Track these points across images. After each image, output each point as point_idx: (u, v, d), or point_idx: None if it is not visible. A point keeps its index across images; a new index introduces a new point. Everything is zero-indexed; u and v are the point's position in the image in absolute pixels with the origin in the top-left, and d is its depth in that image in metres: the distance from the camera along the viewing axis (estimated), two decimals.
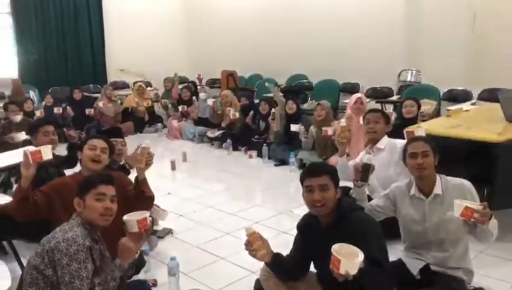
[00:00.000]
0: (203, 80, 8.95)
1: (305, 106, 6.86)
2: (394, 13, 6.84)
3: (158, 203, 3.55)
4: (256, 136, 6.54)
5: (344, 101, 6.78)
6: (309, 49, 7.88)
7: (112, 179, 2.14)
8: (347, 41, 7.33)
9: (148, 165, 2.75)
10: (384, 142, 3.44)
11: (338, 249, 1.78)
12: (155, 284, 2.88)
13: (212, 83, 9.53)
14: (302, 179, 2.16)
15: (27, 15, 8.81)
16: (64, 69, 9.30)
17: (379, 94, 6.98)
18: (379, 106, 6.08)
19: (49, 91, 8.25)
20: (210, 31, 9.86)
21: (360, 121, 4.07)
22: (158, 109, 8.83)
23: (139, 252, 2.58)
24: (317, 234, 2.16)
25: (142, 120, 8.23)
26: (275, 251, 2.21)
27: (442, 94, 6.27)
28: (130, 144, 3.66)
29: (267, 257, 2.15)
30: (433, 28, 6.40)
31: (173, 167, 5.76)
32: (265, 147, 6.02)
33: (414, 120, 4.42)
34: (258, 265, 2.35)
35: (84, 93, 8.23)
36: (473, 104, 5.65)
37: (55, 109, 7.27)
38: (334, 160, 4.12)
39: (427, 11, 6.51)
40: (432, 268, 2.41)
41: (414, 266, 2.44)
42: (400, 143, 3.14)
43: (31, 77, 8.76)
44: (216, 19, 9.68)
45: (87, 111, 7.61)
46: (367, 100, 5.20)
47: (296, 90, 7.61)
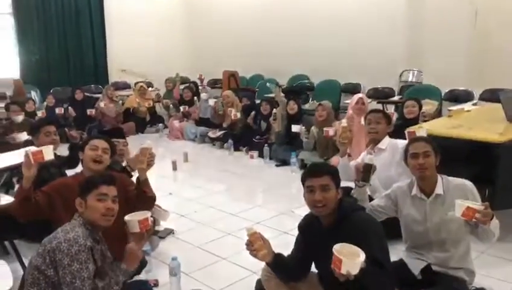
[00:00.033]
0: (205, 80, 8.95)
1: (306, 106, 6.85)
2: (395, 13, 6.83)
3: (159, 203, 3.55)
4: (257, 136, 6.53)
5: (345, 102, 6.78)
6: (310, 49, 7.87)
7: (114, 180, 2.15)
8: (348, 41, 7.33)
9: (149, 165, 2.75)
10: (385, 142, 3.44)
11: (339, 249, 1.78)
12: (156, 284, 2.88)
13: (213, 84, 9.53)
14: (303, 180, 2.16)
15: (29, 15, 8.82)
16: (65, 70, 9.30)
17: (380, 94, 6.97)
18: (380, 107, 6.08)
19: (50, 91, 8.27)
20: (211, 32, 9.86)
21: (362, 122, 4.07)
22: (159, 109, 8.84)
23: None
24: (318, 235, 2.16)
25: (144, 120, 8.23)
26: (276, 251, 2.21)
27: (443, 94, 6.27)
28: (132, 145, 3.67)
29: (268, 257, 2.15)
30: (434, 29, 6.40)
31: (174, 167, 5.76)
32: (266, 148, 6.02)
33: (415, 120, 4.42)
34: (259, 265, 2.35)
35: (85, 93, 8.25)
36: (475, 104, 5.65)
37: (56, 110, 7.29)
38: (336, 160, 4.13)
39: (429, 12, 6.51)
40: (433, 268, 2.41)
41: (415, 266, 2.44)
42: (401, 143, 3.14)
43: (33, 77, 8.77)
44: (217, 20, 9.68)
45: (88, 111, 7.62)
46: (368, 100, 5.19)
47: (298, 90, 7.60)
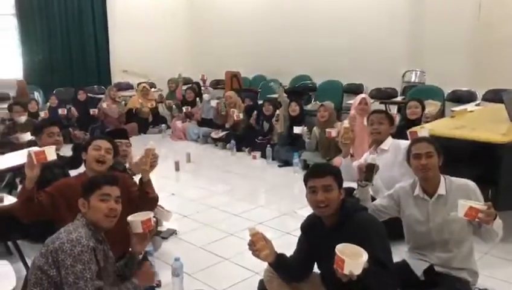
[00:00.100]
0: (207, 81, 8.95)
1: (308, 107, 6.86)
2: (398, 14, 6.83)
3: (162, 204, 3.55)
4: (260, 137, 6.53)
5: (348, 102, 6.77)
6: (313, 50, 7.87)
7: (117, 180, 2.15)
8: (351, 42, 7.32)
9: (152, 166, 2.75)
10: (388, 143, 3.44)
11: (342, 249, 1.78)
12: (159, 284, 2.88)
13: (216, 84, 9.52)
14: (306, 180, 2.16)
15: (31, 16, 8.83)
16: (68, 70, 9.30)
17: (383, 95, 6.96)
18: (383, 107, 6.07)
19: (53, 92, 8.28)
20: (214, 32, 9.87)
21: (364, 122, 4.06)
22: (162, 110, 8.86)
23: (143, 253, 2.58)
24: (321, 235, 2.16)
25: (146, 121, 8.23)
26: (279, 252, 2.21)
27: (446, 95, 6.27)
28: (134, 145, 3.67)
29: (271, 257, 2.15)
30: (437, 29, 6.38)
31: (177, 168, 5.76)
32: (269, 148, 6.02)
33: (418, 121, 4.41)
34: (262, 266, 2.35)
35: (88, 94, 8.25)
36: (478, 104, 5.64)
37: (59, 110, 7.29)
38: (338, 161, 4.12)
39: (431, 12, 6.49)
40: (436, 269, 2.40)
41: (418, 267, 2.43)
42: (404, 144, 3.13)
43: (36, 78, 8.77)
44: (220, 20, 9.69)
45: (91, 111, 7.64)
46: (371, 101, 5.19)
47: (300, 91, 7.60)
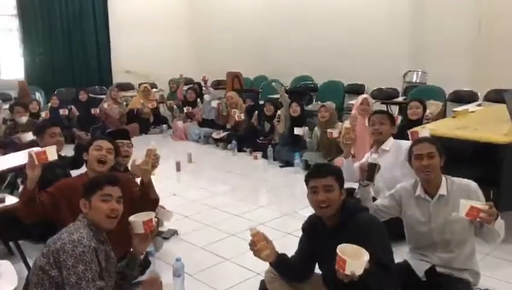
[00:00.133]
0: (208, 82, 8.96)
1: (310, 107, 6.85)
2: (399, 14, 6.82)
3: (163, 204, 3.56)
4: (261, 137, 6.53)
5: (349, 102, 6.77)
6: (314, 50, 7.87)
7: (118, 180, 2.15)
8: (352, 42, 7.32)
9: (154, 167, 2.76)
10: (389, 143, 3.44)
11: (343, 249, 1.78)
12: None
13: (217, 84, 9.53)
14: (307, 180, 2.16)
15: (33, 17, 8.83)
16: (70, 71, 9.31)
17: (384, 95, 6.95)
18: (384, 107, 6.07)
19: (54, 92, 8.28)
20: (215, 33, 9.87)
21: (366, 123, 4.06)
22: (163, 111, 8.87)
23: (145, 253, 2.58)
24: (322, 235, 2.15)
25: (148, 121, 8.23)
26: (280, 252, 2.20)
27: (447, 95, 6.26)
28: (136, 145, 3.67)
29: (272, 257, 2.15)
30: (438, 29, 6.38)
31: (178, 168, 5.76)
32: (270, 149, 6.02)
33: (419, 122, 4.40)
34: (263, 266, 2.35)
35: (89, 94, 8.27)
36: (479, 105, 5.63)
37: (60, 111, 7.30)
38: (339, 161, 4.10)
39: (433, 12, 6.49)
40: (438, 270, 2.40)
41: (419, 268, 2.43)
42: (405, 144, 3.13)
43: (37, 79, 8.78)
44: (221, 21, 9.69)
45: (92, 110, 7.64)
46: (372, 101, 5.18)
47: (301, 91, 7.60)
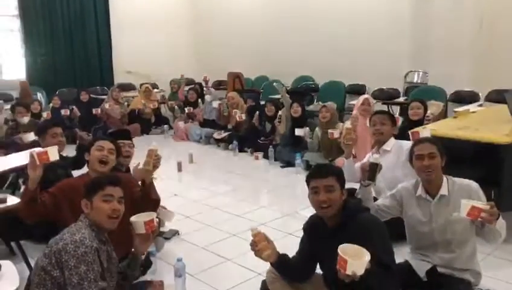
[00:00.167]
0: (209, 82, 8.97)
1: (311, 108, 6.85)
2: (401, 14, 6.82)
3: (164, 204, 3.56)
4: (262, 137, 6.53)
5: (350, 103, 6.76)
6: (315, 50, 7.87)
7: (119, 181, 2.16)
8: (353, 42, 7.32)
9: (155, 167, 2.77)
10: (390, 144, 3.43)
11: (344, 249, 1.78)
12: (161, 285, 2.88)
13: (218, 85, 9.53)
14: (308, 181, 2.16)
15: (34, 18, 8.84)
16: (71, 71, 9.32)
17: (385, 95, 6.96)
18: (385, 108, 6.07)
19: (56, 93, 8.29)
20: (216, 33, 9.87)
21: (367, 123, 4.06)
22: (164, 111, 8.87)
23: (146, 253, 2.59)
24: (323, 235, 2.16)
25: (149, 122, 8.23)
26: (281, 253, 2.21)
27: (448, 95, 6.26)
28: (137, 146, 3.67)
29: (273, 257, 2.15)
30: (439, 29, 6.38)
31: (179, 169, 5.76)
32: (271, 149, 6.01)
33: (420, 122, 4.40)
34: (265, 267, 2.35)
35: (91, 95, 8.28)
36: (480, 105, 5.63)
37: (62, 111, 7.31)
38: (341, 162, 4.10)
39: (434, 13, 6.49)
40: (439, 270, 2.39)
41: (420, 268, 2.42)
42: (406, 145, 3.13)
43: (39, 79, 8.79)
44: (223, 21, 9.69)
45: (94, 110, 7.66)
46: (374, 102, 5.19)
47: (302, 91, 7.60)
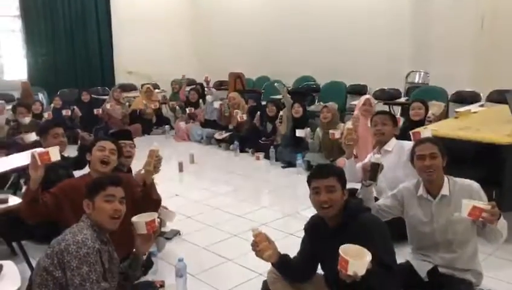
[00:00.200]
0: (211, 82, 8.97)
1: (312, 108, 6.85)
2: (402, 14, 6.81)
3: (166, 204, 3.56)
4: (263, 138, 6.53)
5: (352, 103, 6.76)
6: (316, 51, 7.87)
7: (121, 181, 2.16)
8: (354, 43, 7.31)
9: (156, 168, 2.76)
10: (391, 144, 3.43)
11: (345, 250, 1.78)
12: (162, 285, 2.88)
13: (219, 85, 9.54)
14: (309, 181, 2.16)
15: (36, 18, 8.86)
16: (72, 72, 9.33)
17: (387, 96, 6.95)
18: (387, 108, 6.06)
19: (57, 93, 8.30)
20: (218, 34, 9.88)
21: (368, 123, 4.06)
22: (166, 111, 8.88)
23: (147, 253, 2.59)
24: (324, 236, 2.16)
25: (150, 122, 8.24)
26: (282, 253, 2.21)
27: (450, 96, 6.25)
28: (138, 146, 3.67)
29: (274, 258, 2.15)
30: (441, 30, 6.37)
31: (181, 169, 5.76)
32: (272, 149, 6.01)
33: (421, 122, 4.40)
34: (266, 267, 2.35)
35: (92, 95, 8.28)
36: (481, 105, 5.62)
37: (63, 111, 7.32)
38: (342, 162, 4.11)
39: (435, 13, 6.48)
40: (440, 270, 2.39)
41: (422, 268, 2.42)
42: (408, 145, 3.13)
43: (40, 79, 8.80)
44: (224, 21, 9.70)
45: (95, 111, 7.67)
46: (375, 102, 5.19)
47: (303, 92, 7.60)
